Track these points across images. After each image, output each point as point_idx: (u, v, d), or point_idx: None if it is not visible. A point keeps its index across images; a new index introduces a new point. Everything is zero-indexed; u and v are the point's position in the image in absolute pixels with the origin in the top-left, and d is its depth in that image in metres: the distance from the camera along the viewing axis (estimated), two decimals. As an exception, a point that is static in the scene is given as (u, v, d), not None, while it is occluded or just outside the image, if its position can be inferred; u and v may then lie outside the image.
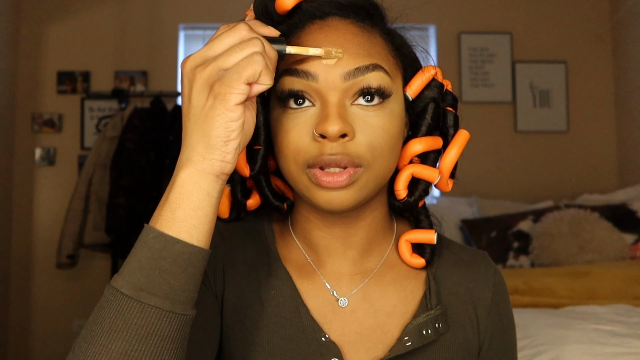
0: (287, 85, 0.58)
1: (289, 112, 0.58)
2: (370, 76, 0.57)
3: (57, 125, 3.08)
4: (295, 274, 0.66)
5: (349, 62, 0.57)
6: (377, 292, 0.65)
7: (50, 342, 3.00)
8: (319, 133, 0.55)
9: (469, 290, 0.67)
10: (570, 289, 1.74)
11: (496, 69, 3.16)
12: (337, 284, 0.65)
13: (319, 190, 0.58)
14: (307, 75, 0.57)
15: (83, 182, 2.71)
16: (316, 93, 0.57)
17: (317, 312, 0.64)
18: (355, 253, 0.66)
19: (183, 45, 3.21)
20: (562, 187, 3.05)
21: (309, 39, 0.59)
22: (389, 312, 0.64)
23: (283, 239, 0.69)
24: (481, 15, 3.18)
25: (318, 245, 0.66)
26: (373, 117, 0.57)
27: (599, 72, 3.20)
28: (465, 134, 0.66)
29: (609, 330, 1.37)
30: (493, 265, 0.71)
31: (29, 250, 3.06)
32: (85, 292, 3.02)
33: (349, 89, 0.57)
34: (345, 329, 0.63)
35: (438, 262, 0.68)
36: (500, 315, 0.68)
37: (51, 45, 3.12)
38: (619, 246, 2.20)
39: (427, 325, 0.62)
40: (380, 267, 0.66)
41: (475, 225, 2.47)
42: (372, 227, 0.66)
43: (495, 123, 3.15)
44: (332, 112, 0.55)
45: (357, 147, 0.56)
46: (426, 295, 0.65)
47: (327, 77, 0.56)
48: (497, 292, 0.69)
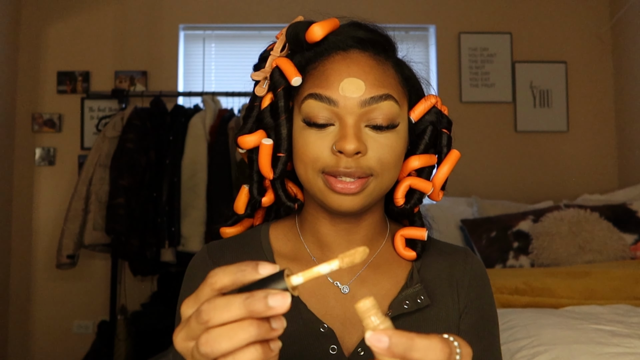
0: (311, 109, 0.68)
1: (312, 130, 0.68)
2: (383, 105, 0.68)
3: (57, 125, 3.08)
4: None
5: (366, 91, 0.67)
6: (373, 279, 0.75)
7: (50, 342, 3.00)
8: (338, 149, 0.66)
9: (450, 275, 0.77)
10: (570, 289, 1.74)
11: (496, 69, 3.16)
12: (339, 276, 0.74)
13: (333, 195, 0.68)
14: (329, 100, 0.67)
15: (83, 182, 2.71)
16: (336, 115, 0.67)
17: (318, 304, 0.72)
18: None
19: (183, 45, 3.21)
20: (562, 187, 3.05)
21: (333, 67, 0.69)
22: (383, 294, 0.74)
23: (286, 240, 0.78)
24: (481, 15, 3.19)
25: (324, 241, 0.76)
26: (383, 138, 0.68)
27: (599, 72, 3.20)
28: (456, 154, 0.76)
29: (609, 330, 1.37)
30: (472, 256, 0.81)
31: (29, 250, 3.06)
32: (85, 292, 3.02)
33: (364, 114, 0.67)
34: (346, 312, 0.72)
35: (425, 253, 0.79)
36: (478, 295, 0.77)
37: (51, 45, 3.12)
38: (619, 246, 2.19)
39: (407, 298, 0.72)
40: (376, 259, 0.77)
41: (475, 225, 2.47)
42: (371, 226, 0.76)
43: (495, 123, 3.16)
44: (349, 132, 0.66)
45: (369, 162, 0.67)
46: (409, 277, 0.75)
47: (346, 104, 0.67)
48: (474, 276, 0.78)
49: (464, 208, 2.74)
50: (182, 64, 3.20)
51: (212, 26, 3.20)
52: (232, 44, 3.27)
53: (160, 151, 2.72)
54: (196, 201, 2.65)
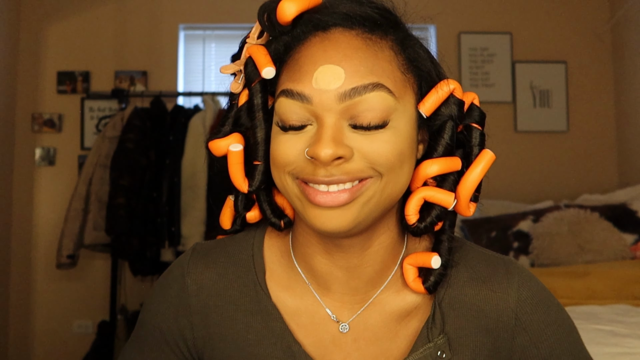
0: (284, 109, 0.55)
1: (288, 132, 0.55)
2: (370, 97, 0.52)
3: (57, 125, 3.08)
4: (291, 303, 0.62)
5: (346, 81, 0.52)
6: (380, 320, 0.60)
7: (50, 342, 3.00)
8: (309, 155, 0.52)
9: (485, 313, 0.60)
10: (570, 289, 1.74)
11: (496, 69, 3.16)
12: (341, 312, 0.61)
13: (312, 209, 0.53)
14: (301, 97, 0.53)
15: (83, 182, 2.71)
16: (312, 114, 0.54)
17: (315, 345, 0.60)
18: (360, 283, 0.61)
19: (183, 45, 3.21)
20: (562, 187, 3.05)
21: (308, 54, 0.55)
22: (392, 337, 0.60)
23: (280, 259, 0.64)
24: (481, 15, 3.18)
25: (319, 272, 0.61)
26: (374, 139, 0.53)
27: (599, 72, 3.20)
28: (489, 155, 0.61)
29: (609, 330, 1.37)
30: (515, 278, 0.62)
31: (29, 250, 3.06)
32: (85, 292, 3.01)
33: (346, 111, 0.53)
34: (347, 359, 0.60)
35: (449, 282, 0.62)
36: (539, 332, 0.60)
37: (51, 45, 3.12)
38: (619, 246, 2.19)
39: (427, 358, 0.58)
40: (387, 290, 0.61)
41: (475, 225, 2.47)
42: (379, 256, 0.60)
43: (495, 123, 3.12)
44: (325, 135, 0.52)
45: (356, 166, 0.53)
46: (428, 323, 0.60)
47: (321, 99, 0.53)
48: (524, 309, 0.61)
49: (464, 208, 2.73)
50: (182, 64, 3.20)
51: (212, 26, 3.20)
52: (232, 44, 3.26)
53: (160, 151, 2.72)
54: (196, 201, 2.65)
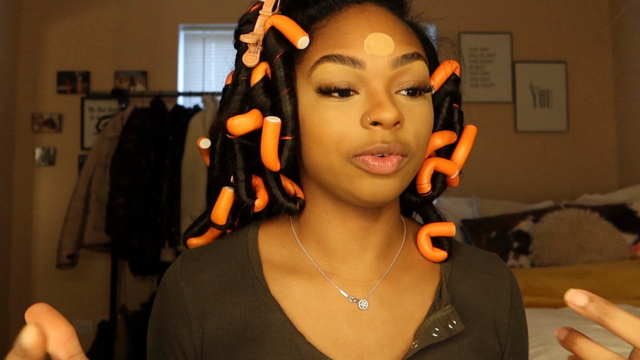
0: (329, 74, 0.54)
1: (329, 101, 0.54)
2: (415, 65, 0.55)
3: (57, 125, 3.08)
4: (299, 288, 0.60)
5: (396, 48, 0.54)
6: (395, 297, 0.61)
7: (50, 342, 3.00)
8: (373, 120, 0.52)
9: (487, 292, 0.64)
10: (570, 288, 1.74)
11: (496, 69, 3.16)
12: (353, 292, 0.60)
13: (366, 179, 0.54)
14: (353, 62, 0.53)
15: (83, 182, 2.71)
16: (361, 80, 0.54)
17: (327, 329, 0.58)
18: (372, 256, 0.61)
19: (183, 45, 3.21)
20: (562, 187, 3.05)
21: (351, 22, 0.55)
22: (407, 317, 0.60)
23: (281, 247, 0.63)
24: (481, 15, 3.18)
25: (333, 249, 0.61)
26: (417, 107, 0.56)
27: (599, 72, 3.20)
28: (474, 129, 0.65)
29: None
30: (507, 267, 0.68)
31: (29, 250, 3.06)
32: (85, 292, 3.02)
33: (395, 77, 0.55)
34: (363, 339, 0.58)
35: (452, 264, 0.65)
36: (519, 318, 0.66)
37: (51, 45, 3.12)
38: (619, 246, 2.19)
39: (436, 324, 0.58)
40: (396, 269, 0.62)
41: (475, 225, 2.47)
42: (389, 225, 0.62)
43: (495, 123, 3.15)
44: (384, 99, 0.53)
45: (406, 135, 0.54)
46: (437, 295, 0.61)
47: (374, 65, 0.54)
48: (515, 294, 0.66)
49: (464, 208, 2.74)
50: (182, 64, 3.20)
51: (212, 26, 3.20)
52: (232, 44, 3.26)
53: (160, 151, 2.72)
54: (196, 201, 2.65)
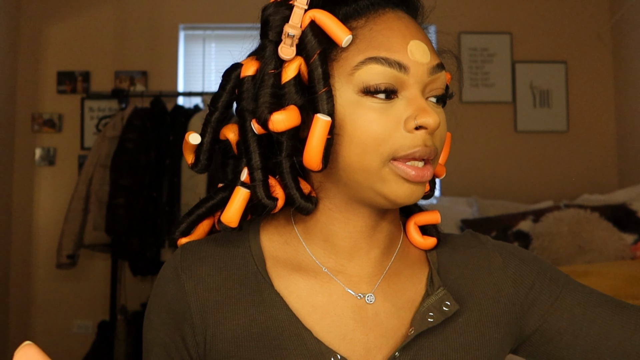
0: (375, 76, 0.55)
1: (373, 102, 0.55)
2: (442, 75, 0.58)
3: (57, 125, 3.08)
4: (304, 285, 0.61)
5: (432, 57, 0.57)
6: (396, 289, 0.62)
7: (50, 342, 3.00)
8: (420, 124, 0.55)
9: (476, 265, 0.66)
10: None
11: (496, 69, 3.16)
12: (358, 288, 0.61)
13: (403, 184, 0.56)
14: (400, 66, 0.55)
15: (83, 182, 2.71)
16: (402, 85, 0.56)
17: (334, 325, 0.59)
18: (378, 252, 0.63)
19: (183, 45, 3.21)
20: (562, 187, 3.05)
21: (391, 26, 0.57)
22: (407, 307, 0.62)
23: (284, 244, 0.63)
24: (481, 15, 3.18)
25: (341, 247, 0.61)
26: (442, 113, 0.59)
27: (599, 72, 3.20)
28: (449, 135, 0.67)
29: (609, 330, 1.37)
30: (483, 235, 0.71)
31: (29, 250, 3.06)
32: (85, 292, 3.02)
33: (428, 84, 0.57)
34: (370, 334, 0.59)
35: (437, 251, 0.67)
36: (520, 256, 0.68)
37: (51, 45, 3.12)
38: (619, 246, 2.19)
39: (430, 309, 0.59)
40: (396, 262, 0.64)
41: (475, 225, 2.47)
42: (392, 222, 0.64)
43: (495, 123, 3.15)
44: (425, 104, 0.55)
45: (436, 141, 0.57)
46: (428, 281, 0.64)
47: (417, 71, 0.56)
48: (501, 247, 0.69)
49: (464, 208, 2.74)
50: (182, 64, 3.20)
51: (212, 26, 3.20)
52: (232, 44, 3.26)
53: (160, 151, 2.72)
54: (196, 201, 2.64)
